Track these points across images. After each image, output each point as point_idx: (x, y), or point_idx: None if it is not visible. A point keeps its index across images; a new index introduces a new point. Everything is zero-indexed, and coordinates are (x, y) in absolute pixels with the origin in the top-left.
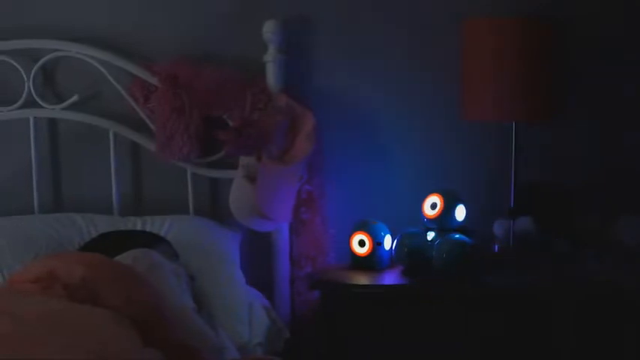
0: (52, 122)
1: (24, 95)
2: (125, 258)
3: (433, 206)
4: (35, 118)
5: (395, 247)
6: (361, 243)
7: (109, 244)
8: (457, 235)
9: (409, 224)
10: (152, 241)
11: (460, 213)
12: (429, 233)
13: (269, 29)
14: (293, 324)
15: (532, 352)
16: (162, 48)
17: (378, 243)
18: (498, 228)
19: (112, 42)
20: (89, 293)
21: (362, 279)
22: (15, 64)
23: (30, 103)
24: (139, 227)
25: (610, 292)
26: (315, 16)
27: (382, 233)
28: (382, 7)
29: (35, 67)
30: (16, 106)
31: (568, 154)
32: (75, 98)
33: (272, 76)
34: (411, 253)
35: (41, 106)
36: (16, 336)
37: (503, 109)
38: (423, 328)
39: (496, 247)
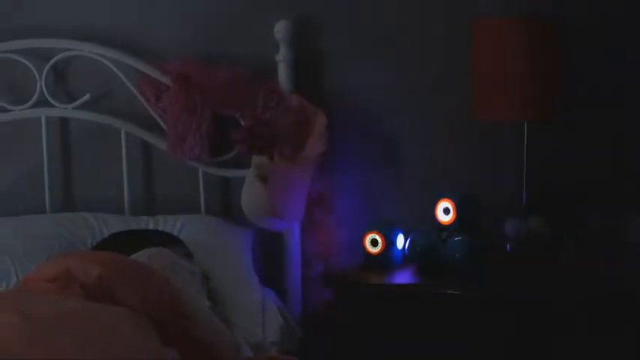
0: (64, 121)
1: (36, 94)
2: (140, 256)
3: (446, 211)
4: (47, 117)
5: (407, 246)
6: (374, 242)
7: (121, 243)
8: (469, 235)
9: (421, 223)
10: (166, 240)
11: (471, 213)
12: (441, 233)
13: (281, 29)
14: (305, 323)
15: (537, 352)
16: (174, 47)
17: (390, 242)
18: (510, 227)
19: (123, 41)
20: (106, 292)
21: (375, 278)
22: (27, 63)
23: (42, 103)
24: (151, 226)
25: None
26: (327, 16)
27: (395, 232)
28: (393, 8)
29: (47, 67)
30: (27, 105)
31: (579, 153)
32: (87, 97)
33: (284, 76)
34: (424, 253)
35: (53, 106)
36: (26, 335)
37: (514, 109)
38: (435, 327)
39: (508, 247)
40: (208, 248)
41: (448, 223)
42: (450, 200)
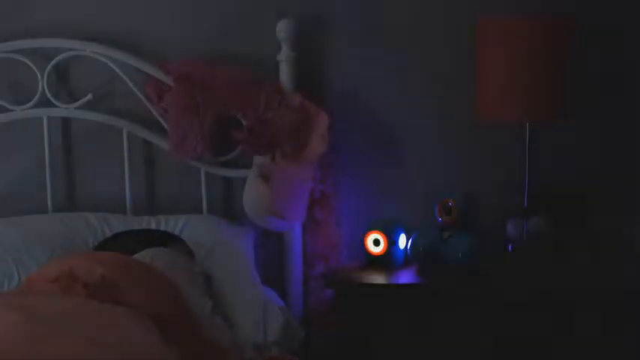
0: (66, 121)
1: (38, 94)
2: (143, 256)
3: (447, 211)
4: (49, 117)
5: (410, 246)
6: (376, 242)
7: (123, 243)
8: (471, 235)
9: (422, 223)
10: (168, 240)
11: (472, 213)
12: (443, 232)
13: (282, 28)
14: (306, 323)
15: (537, 352)
16: (176, 47)
17: (392, 242)
18: (512, 228)
19: (125, 41)
20: (109, 292)
21: (377, 278)
22: (29, 63)
23: (44, 103)
24: (152, 226)
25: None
26: (329, 16)
27: (397, 232)
28: (395, 7)
29: (49, 67)
30: (29, 105)
31: (582, 153)
32: (88, 97)
33: (285, 76)
34: (426, 252)
35: (55, 105)
36: (30, 335)
37: (516, 109)
38: (436, 327)
39: (510, 247)
40: (210, 248)
41: (449, 222)
42: (451, 200)
